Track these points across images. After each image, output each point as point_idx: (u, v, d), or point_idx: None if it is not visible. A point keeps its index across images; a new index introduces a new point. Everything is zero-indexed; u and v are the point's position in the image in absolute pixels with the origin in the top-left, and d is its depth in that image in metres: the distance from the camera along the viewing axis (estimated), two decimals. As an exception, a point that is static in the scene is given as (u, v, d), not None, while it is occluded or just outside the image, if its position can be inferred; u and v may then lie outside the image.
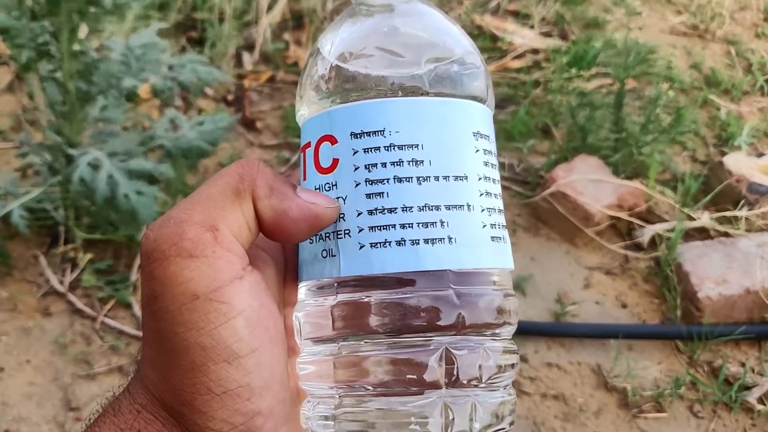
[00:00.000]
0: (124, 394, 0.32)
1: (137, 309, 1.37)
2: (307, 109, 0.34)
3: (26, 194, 1.39)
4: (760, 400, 1.27)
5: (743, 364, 1.32)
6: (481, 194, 0.32)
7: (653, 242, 1.56)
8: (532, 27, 2.28)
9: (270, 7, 2.15)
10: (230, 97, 1.98)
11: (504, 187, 1.70)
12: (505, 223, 0.34)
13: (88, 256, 1.43)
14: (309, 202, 0.31)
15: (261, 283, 0.31)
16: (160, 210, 1.38)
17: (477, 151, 0.32)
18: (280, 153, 1.79)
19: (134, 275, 1.42)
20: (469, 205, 0.31)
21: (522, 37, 2.21)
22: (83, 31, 1.35)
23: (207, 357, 0.29)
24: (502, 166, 1.76)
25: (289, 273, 0.35)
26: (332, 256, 0.31)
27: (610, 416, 1.25)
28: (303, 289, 0.33)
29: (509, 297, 0.33)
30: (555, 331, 1.38)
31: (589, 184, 1.57)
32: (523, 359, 1.32)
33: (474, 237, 0.31)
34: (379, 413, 0.30)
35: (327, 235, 0.32)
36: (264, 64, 2.10)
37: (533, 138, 1.83)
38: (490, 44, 2.18)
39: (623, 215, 1.56)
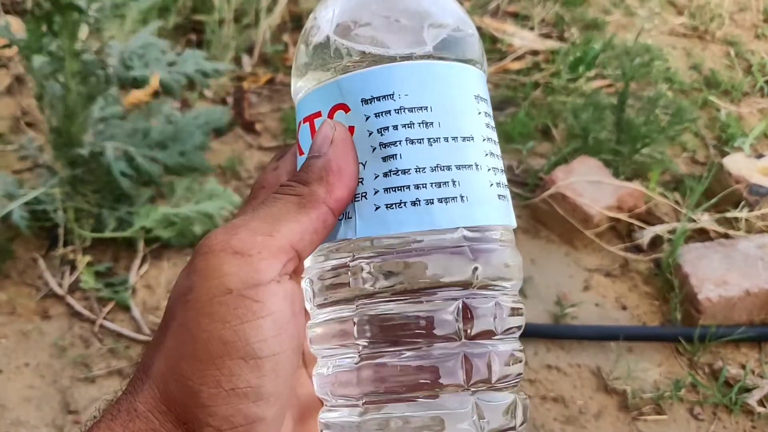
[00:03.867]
0: (124, 395, 0.31)
1: (136, 312, 1.37)
2: (311, 81, 0.35)
3: (26, 195, 1.39)
4: (761, 402, 1.27)
5: (743, 366, 1.32)
6: (486, 154, 0.33)
7: (653, 244, 1.56)
8: (531, 28, 2.28)
9: (269, 10, 2.15)
10: (229, 99, 1.98)
11: (503, 189, 1.70)
12: (506, 183, 0.35)
13: (87, 258, 1.43)
14: (333, 147, 0.32)
15: (297, 292, 0.31)
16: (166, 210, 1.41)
17: (479, 113, 0.33)
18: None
19: (133, 277, 1.41)
20: (476, 165, 0.32)
21: (521, 39, 2.20)
22: (84, 31, 1.35)
23: (225, 351, 0.29)
24: (501, 167, 1.75)
25: None
26: (348, 218, 0.32)
27: (610, 418, 1.25)
28: (320, 253, 0.34)
29: (514, 252, 0.34)
30: (555, 333, 1.38)
31: (589, 185, 1.57)
32: (523, 361, 1.32)
33: (483, 195, 0.32)
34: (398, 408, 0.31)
35: None
36: (263, 66, 2.10)
37: (532, 139, 1.82)
38: (489, 46, 2.17)
39: (623, 217, 1.56)
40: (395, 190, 0.31)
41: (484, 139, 0.33)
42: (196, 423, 0.29)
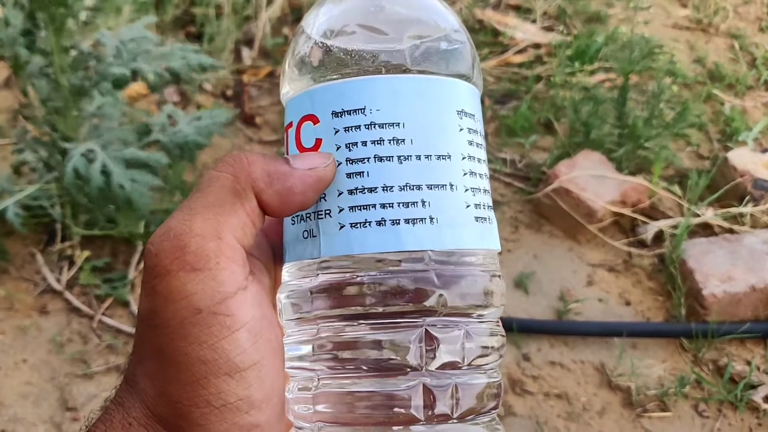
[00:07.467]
0: (116, 406, 0.31)
1: (135, 307, 1.35)
2: (289, 88, 0.34)
3: (22, 191, 1.38)
4: (766, 399, 1.25)
5: (749, 363, 1.31)
6: (465, 174, 0.31)
7: (657, 239, 1.54)
8: (533, 21, 2.26)
9: (269, 2, 2.13)
10: (229, 93, 1.96)
11: (506, 183, 1.68)
12: (491, 204, 0.33)
13: (86, 253, 1.41)
14: (308, 169, 0.30)
15: (262, 292, 0.31)
16: (159, 206, 1.37)
17: (461, 129, 0.31)
18: (279, 149, 1.78)
19: (132, 273, 1.40)
20: (451, 185, 0.30)
21: (524, 32, 2.19)
22: (74, 25, 1.33)
23: (208, 371, 0.29)
24: (503, 161, 1.74)
25: (279, 280, 0.34)
26: (313, 236, 0.31)
27: (613, 415, 1.24)
28: (286, 271, 0.33)
29: (494, 278, 0.32)
30: (558, 329, 1.37)
31: (592, 180, 1.55)
32: (526, 358, 1.30)
33: (457, 217, 0.30)
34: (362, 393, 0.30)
35: (308, 215, 0.31)
36: (263, 59, 2.09)
37: (535, 133, 1.81)
38: (491, 39, 2.16)
39: (626, 211, 1.55)
40: (360, 209, 0.30)
41: (464, 158, 0.31)
42: None
